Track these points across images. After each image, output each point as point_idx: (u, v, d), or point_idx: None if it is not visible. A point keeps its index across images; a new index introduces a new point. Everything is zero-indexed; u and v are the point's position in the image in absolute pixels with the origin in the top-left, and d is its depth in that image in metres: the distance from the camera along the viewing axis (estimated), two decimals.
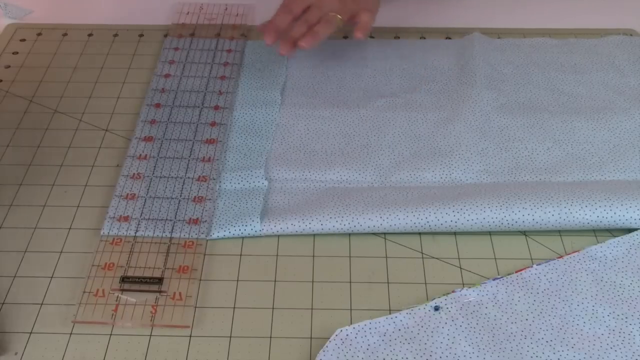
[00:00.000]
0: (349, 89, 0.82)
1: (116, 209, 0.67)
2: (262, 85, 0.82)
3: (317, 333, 0.57)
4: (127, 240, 0.64)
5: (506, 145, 0.74)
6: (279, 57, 0.86)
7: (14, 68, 0.85)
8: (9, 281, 0.61)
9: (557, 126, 0.76)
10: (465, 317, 0.57)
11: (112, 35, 0.90)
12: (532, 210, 0.64)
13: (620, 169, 0.71)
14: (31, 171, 0.72)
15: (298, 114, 0.78)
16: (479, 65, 0.84)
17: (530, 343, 0.56)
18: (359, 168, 0.71)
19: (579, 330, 0.57)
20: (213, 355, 0.56)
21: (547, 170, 0.71)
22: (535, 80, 0.83)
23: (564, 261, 0.62)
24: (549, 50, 0.88)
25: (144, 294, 0.60)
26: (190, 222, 0.66)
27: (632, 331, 0.57)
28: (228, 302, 0.60)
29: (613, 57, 0.86)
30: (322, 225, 0.65)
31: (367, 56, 0.86)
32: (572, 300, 0.59)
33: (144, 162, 0.71)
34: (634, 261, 0.62)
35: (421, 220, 0.64)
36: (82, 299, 0.59)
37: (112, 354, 0.56)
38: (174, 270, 0.62)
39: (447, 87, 0.82)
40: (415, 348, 0.55)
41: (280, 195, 0.69)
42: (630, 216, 0.64)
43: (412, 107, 0.79)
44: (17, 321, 0.58)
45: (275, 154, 0.73)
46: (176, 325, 0.58)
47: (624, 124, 0.76)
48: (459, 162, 0.72)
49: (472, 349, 0.55)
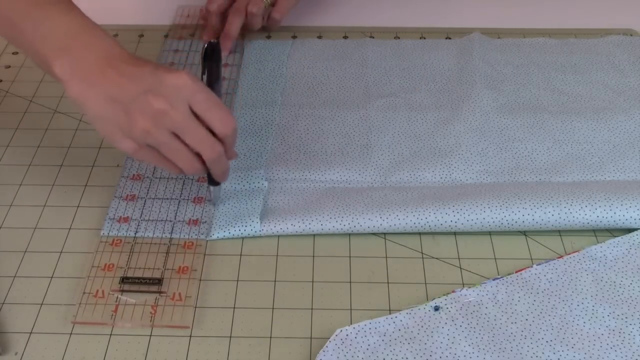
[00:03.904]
0: (349, 89, 0.82)
1: (116, 210, 0.67)
2: (262, 86, 0.82)
3: (317, 333, 0.57)
4: (127, 241, 0.64)
5: (506, 145, 0.74)
6: (279, 57, 0.86)
7: (14, 68, 0.85)
8: (9, 281, 0.61)
9: (557, 126, 0.76)
10: (465, 317, 0.57)
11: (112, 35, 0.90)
12: (532, 210, 0.64)
13: (620, 169, 0.71)
14: (31, 171, 0.72)
15: (298, 114, 0.78)
16: (478, 65, 0.84)
17: (530, 343, 0.56)
18: (359, 168, 0.71)
19: (579, 330, 0.57)
20: (213, 355, 0.56)
21: (547, 170, 0.71)
22: (535, 80, 0.83)
23: (564, 261, 0.62)
24: (549, 50, 0.88)
25: (144, 295, 0.60)
26: (190, 222, 0.66)
27: (632, 331, 0.57)
28: (228, 302, 0.60)
29: (613, 57, 0.86)
30: (322, 226, 0.65)
31: (367, 56, 0.86)
32: (572, 300, 0.59)
33: (143, 162, 0.71)
34: (634, 261, 0.62)
35: (421, 220, 0.64)
36: (82, 299, 0.59)
37: (112, 354, 0.56)
38: (174, 271, 0.62)
39: (447, 87, 0.82)
40: (415, 348, 0.55)
41: (280, 195, 0.69)
42: (630, 216, 0.64)
43: (412, 107, 0.79)
44: (17, 321, 0.58)
45: (275, 154, 0.73)
46: (176, 325, 0.58)
47: (624, 124, 0.76)
48: (459, 162, 0.72)
49: (472, 349, 0.55)
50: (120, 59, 0.58)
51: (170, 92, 0.56)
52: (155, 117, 0.56)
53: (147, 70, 0.57)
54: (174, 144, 0.58)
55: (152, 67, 0.57)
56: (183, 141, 0.58)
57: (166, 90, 0.56)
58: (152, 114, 0.56)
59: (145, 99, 0.56)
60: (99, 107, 0.57)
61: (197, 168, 0.60)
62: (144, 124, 0.56)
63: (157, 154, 0.59)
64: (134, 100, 0.56)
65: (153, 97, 0.56)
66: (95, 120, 0.58)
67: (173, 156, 0.59)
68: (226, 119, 0.58)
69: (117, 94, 0.56)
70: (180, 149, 0.58)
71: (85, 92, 0.57)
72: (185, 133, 0.57)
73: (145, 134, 0.57)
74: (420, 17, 0.95)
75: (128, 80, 0.56)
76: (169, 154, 0.59)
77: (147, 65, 0.58)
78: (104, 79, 0.56)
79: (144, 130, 0.56)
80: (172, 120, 0.56)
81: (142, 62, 0.58)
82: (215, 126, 0.58)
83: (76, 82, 0.57)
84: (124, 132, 0.57)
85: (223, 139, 0.59)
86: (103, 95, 0.56)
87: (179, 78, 0.57)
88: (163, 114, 0.56)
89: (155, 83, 0.56)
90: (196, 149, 0.59)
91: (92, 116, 0.58)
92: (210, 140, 0.58)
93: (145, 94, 0.56)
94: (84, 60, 0.57)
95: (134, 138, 0.57)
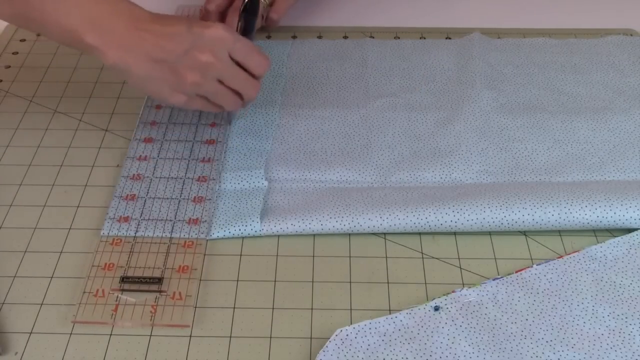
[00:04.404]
0: (349, 89, 0.82)
1: (116, 210, 0.67)
2: (262, 86, 0.81)
3: (317, 333, 0.57)
4: (127, 240, 0.64)
5: (506, 145, 0.74)
6: (279, 57, 0.86)
7: (14, 68, 0.85)
8: (9, 281, 0.61)
9: (557, 126, 0.76)
10: (465, 317, 0.57)
11: None
12: (532, 210, 0.64)
13: (620, 169, 0.71)
14: (31, 171, 0.72)
15: (298, 114, 0.78)
16: (479, 65, 0.84)
17: (530, 343, 0.56)
18: (359, 168, 0.71)
19: (579, 330, 0.57)
20: (213, 355, 0.56)
21: (547, 170, 0.71)
22: (535, 80, 0.83)
23: (564, 261, 0.62)
24: (549, 50, 0.88)
25: (144, 294, 0.60)
26: (190, 222, 0.66)
27: (632, 331, 0.57)
28: (228, 302, 0.60)
29: (613, 57, 0.86)
30: (322, 225, 0.65)
31: (367, 56, 0.86)
32: (572, 300, 0.59)
33: (144, 162, 0.71)
34: (634, 261, 0.62)
35: (421, 220, 0.64)
36: (82, 299, 0.59)
37: (112, 354, 0.56)
38: (174, 270, 0.62)
39: (447, 87, 0.82)
40: (415, 348, 0.55)
41: (280, 195, 0.69)
42: (630, 216, 0.64)
43: (412, 107, 0.79)
44: (17, 321, 0.58)
45: (275, 154, 0.73)
46: (176, 324, 0.58)
47: (624, 124, 0.76)
48: (459, 162, 0.72)
49: (472, 349, 0.55)
50: (150, 20, 0.61)
51: (212, 44, 0.62)
52: (203, 69, 0.62)
53: (183, 28, 0.61)
54: (221, 89, 0.65)
55: (187, 24, 0.61)
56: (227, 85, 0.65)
57: (208, 44, 0.61)
58: (200, 67, 0.61)
59: (191, 56, 0.61)
60: (144, 69, 0.60)
61: (239, 104, 0.68)
62: (193, 77, 0.62)
63: (205, 101, 0.66)
64: (180, 58, 0.61)
65: (198, 52, 0.61)
66: (142, 82, 0.62)
67: (221, 100, 0.66)
68: (263, 61, 0.66)
69: (159, 54, 0.60)
70: (226, 93, 0.65)
71: (125, 57, 0.60)
72: (231, 79, 0.64)
73: (196, 87, 0.63)
74: (420, 17, 0.95)
75: (168, 40, 0.60)
76: (217, 99, 0.66)
77: (180, 23, 0.61)
78: (141, 41, 0.60)
79: (195, 83, 0.62)
80: (218, 69, 0.63)
81: (174, 20, 0.62)
82: (254, 69, 0.66)
83: (113, 50, 0.59)
84: (173, 88, 0.62)
85: (259, 78, 0.67)
86: (144, 57, 0.60)
87: (217, 31, 0.62)
88: (210, 65, 0.62)
89: (195, 39, 0.61)
90: (240, 91, 0.66)
91: (138, 78, 0.61)
92: (252, 81, 0.66)
93: (190, 50, 0.61)
94: (114, 26, 0.59)
95: (185, 92, 0.63)
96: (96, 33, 0.59)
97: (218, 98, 0.66)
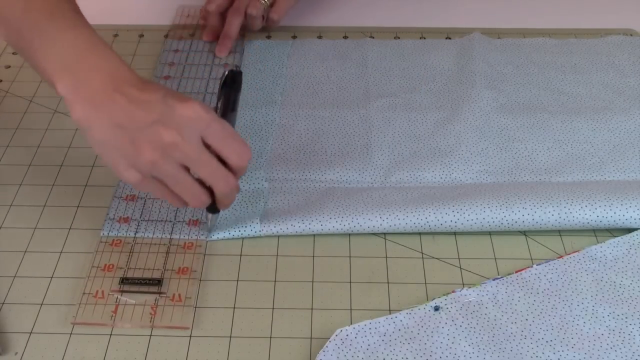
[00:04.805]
0: (349, 89, 0.82)
1: (116, 210, 0.67)
2: (262, 86, 0.82)
3: (317, 333, 0.57)
4: (127, 241, 0.64)
5: (506, 145, 0.74)
6: (279, 58, 0.86)
7: (14, 68, 0.85)
8: (9, 281, 0.61)
9: (557, 126, 0.76)
10: (465, 317, 0.57)
11: (112, 35, 0.90)
12: (532, 210, 0.64)
13: (620, 169, 0.71)
14: (31, 171, 0.72)
15: (298, 114, 0.78)
16: (478, 65, 0.84)
17: (530, 343, 0.56)
18: (359, 168, 0.71)
19: (579, 330, 0.57)
20: (213, 356, 0.56)
21: (547, 170, 0.71)
22: (535, 80, 0.83)
23: (564, 261, 0.62)
24: (549, 50, 0.88)
25: (144, 295, 0.60)
26: (190, 223, 0.66)
27: (632, 331, 0.57)
28: (228, 303, 0.60)
29: (613, 57, 0.86)
30: (322, 226, 0.65)
31: (367, 56, 0.86)
32: (572, 300, 0.59)
33: None
34: (634, 261, 0.62)
35: (421, 220, 0.64)
36: (82, 299, 0.59)
37: (112, 354, 0.56)
38: (174, 271, 0.62)
39: (447, 87, 0.82)
40: (415, 348, 0.55)
41: (280, 195, 0.69)
42: (630, 216, 0.64)
43: (412, 107, 0.79)
44: (17, 321, 0.58)
45: (275, 154, 0.73)
46: (176, 326, 0.58)
47: (624, 124, 0.76)
48: (459, 162, 0.72)
49: (472, 349, 0.55)
50: (129, 82, 0.55)
51: (182, 123, 0.54)
52: (164, 149, 0.54)
53: (158, 97, 0.54)
54: (182, 176, 0.56)
55: (162, 93, 0.55)
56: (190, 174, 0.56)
57: (177, 121, 0.54)
58: (162, 146, 0.53)
59: (154, 130, 0.53)
60: (103, 132, 0.54)
61: (204, 201, 0.58)
62: (151, 155, 0.53)
63: (161, 186, 0.57)
64: (142, 129, 0.53)
65: (163, 128, 0.53)
66: (98, 146, 0.55)
67: (180, 189, 0.57)
68: (242, 150, 0.56)
69: (124, 120, 0.53)
70: (188, 181, 0.56)
71: (89, 115, 0.54)
72: (198, 166, 0.55)
73: (152, 166, 0.54)
74: (420, 17, 0.95)
75: (137, 107, 0.53)
76: (176, 186, 0.56)
77: (157, 91, 0.55)
78: (111, 103, 0.53)
79: (151, 162, 0.54)
80: (183, 152, 0.54)
81: (152, 88, 0.55)
82: (231, 158, 0.56)
83: (80, 104, 0.54)
84: (128, 162, 0.54)
85: (236, 171, 0.57)
86: (108, 120, 0.53)
87: (191, 108, 0.54)
88: (173, 146, 0.53)
89: (165, 112, 0.54)
90: (209, 182, 0.57)
91: (96, 141, 0.55)
92: (224, 173, 0.56)
93: (155, 124, 0.53)
94: (89, 81, 0.54)
95: (139, 168, 0.55)
96: (69, 83, 0.54)
97: (178, 186, 0.56)
